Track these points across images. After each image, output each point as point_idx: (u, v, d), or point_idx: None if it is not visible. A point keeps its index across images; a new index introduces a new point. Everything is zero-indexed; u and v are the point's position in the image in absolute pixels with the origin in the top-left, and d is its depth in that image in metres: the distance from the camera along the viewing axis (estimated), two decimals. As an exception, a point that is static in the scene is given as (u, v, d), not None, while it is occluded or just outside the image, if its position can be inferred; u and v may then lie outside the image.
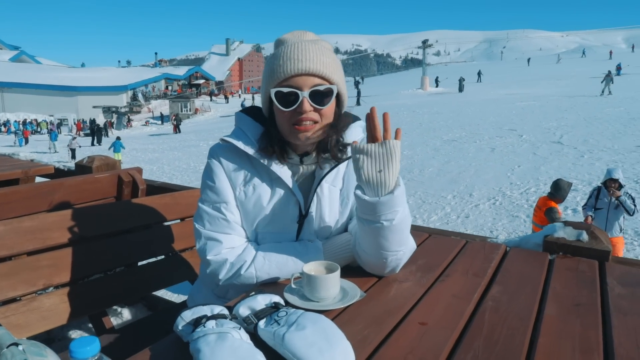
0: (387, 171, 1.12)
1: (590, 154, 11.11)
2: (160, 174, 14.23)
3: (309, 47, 1.20)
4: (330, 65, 1.21)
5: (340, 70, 1.26)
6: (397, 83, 54.50)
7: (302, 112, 1.18)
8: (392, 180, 1.13)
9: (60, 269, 1.71)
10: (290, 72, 1.18)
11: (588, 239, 1.49)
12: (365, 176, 1.13)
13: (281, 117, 1.22)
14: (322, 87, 1.19)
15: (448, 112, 20.72)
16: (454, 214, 8.44)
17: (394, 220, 1.13)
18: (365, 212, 1.15)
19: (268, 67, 1.24)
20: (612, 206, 5.65)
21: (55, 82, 56.68)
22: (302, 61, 1.17)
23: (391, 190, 1.13)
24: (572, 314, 1.08)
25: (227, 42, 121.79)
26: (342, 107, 1.32)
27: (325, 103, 1.21)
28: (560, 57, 71.03)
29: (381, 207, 1.12)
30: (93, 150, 24.89)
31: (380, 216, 1.13)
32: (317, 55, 1.19)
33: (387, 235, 1.16)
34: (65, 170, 3.02)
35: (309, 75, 1.18)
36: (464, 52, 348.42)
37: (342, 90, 1.27)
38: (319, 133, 1.24)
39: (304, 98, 1.18)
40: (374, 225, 1.14)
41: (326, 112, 1.23)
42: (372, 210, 1.13)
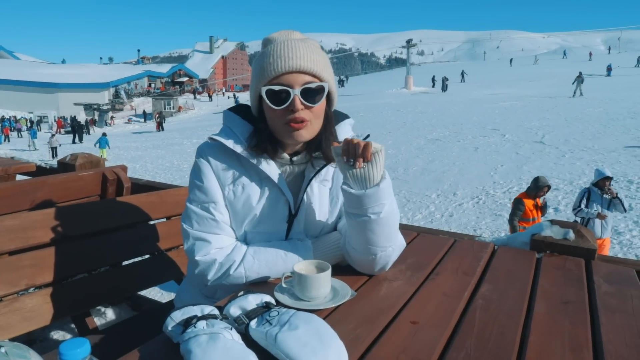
0: (373, 165, 1.12)
1: (571, 153, 11.33)
2: (144, 172, 14.06)
3: (298, 44, 1.19)
4: (321, 62, 1.20)
5: (330, 68, 1.25)
6: (381, 82, 54.72)
7: (294, 110, 1.16)
8: (377, 173, 1.13)
9: (43, 268, 1.67)
10: (281, 70, 1.16)
11: (574, 237, 1.51)
12: (350, 172, 1.13)
13: (273, 115, 1.21)
14: (314, 85, 1.18)
15: (432, 112, 20.90)
16: (438, 213, 8.51)
17: (381, 214, 1.14)
18: (352, 206, 1.15)
19: (258, 65, 1.22)
20: (604, 206, 5.71)
21: (35, 79, 55.52)
22: (292, 59, 1.16)
23: (377, 183, 1.13)
24: (561, 312, 1.10)
25: (210, 40, 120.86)
26: (332, 105, 1.31)
27: (316, 101, 1.20)
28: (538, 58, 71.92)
29: (367, 200, 1.12)
30: (75, 148, 24.47)
31: (367, 209, 1.13)
32: (307, 53, 1.18)
33: (375, 229, 1.16)
34: (48, 168, 2.96)
35: (300, 73, 1.17)
36: (447, 52, 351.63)
37: (332, 89, 1.26)
38: (311, 132, 1.23)
39: (296, 96, 1.16)
40: (361, 218, 1.14)
41: (317, 110, 1.21)
42: (359, 203, 1.13)
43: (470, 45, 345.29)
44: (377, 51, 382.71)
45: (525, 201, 5.98)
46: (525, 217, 5.97)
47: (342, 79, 62.15)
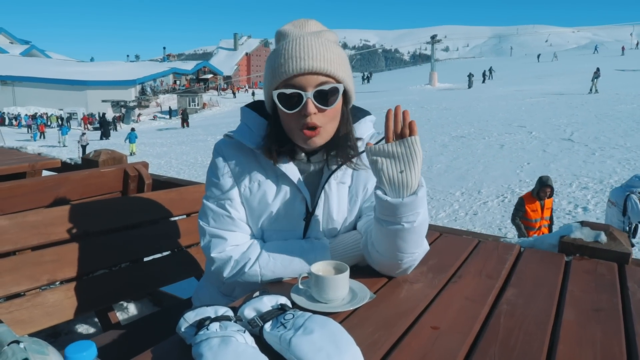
0: (410, 171, 1.05)
1: (601, 151, 10.97)
2: (168, 168, 14.26)
3: (311, 42, 1.13)
4: (335, 61, 1.14)
5: (346, 64, 1.19)
6: (405, 79, 54.21)
7: (307, 114, 1.11)
8: (414, 180, 1.06)
9: (64, 264, 1.68)
10: (292, 72, 1.10)
11: (607, 240, 1.44)
12: (386, 178, 1.06)
13: (286, 119, 1.17)
14: (327, 87, 1.12)
15: (456, 108, 20.57)
16: (462, 211, 8.37)
17: (415, 222, 1.08)
18: (385, 214, 1.09)
19: (269, 65, 1.17)
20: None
21: (65, 77, 56.97)
22: (304, 59, 1.10)
23: (414, 191, 1.07)
24: (592, 320, 1.04)
25: (235, 37, 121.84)
26: (349, 103, 1.26)
27: (330, 103, 1.14)
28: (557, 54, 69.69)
29: (404, 209, 1.06)
30: (102, 144, 25.05)
31: (401, 218, 1.07)
32: (320, 52, 1.12)
33: (406, 237, 1.11)
34: (72, 164, 3.00)
35: (313, 74, 1.11)
36: (473, 48, 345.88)
37: (349, 87, 1.20)
38: (326, 137, 1.18)
39: (308, 99, 1.11)
40: (394, 226, 1.09)
41: (332, 112, 1.16)
42: (394, 211, 1.07)
43: (496, 41, 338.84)
44: (401, 47, 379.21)
45: (527, 201, 5.78)
46: (528, 217, 5.78)
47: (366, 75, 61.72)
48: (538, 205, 5.76)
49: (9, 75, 55.27)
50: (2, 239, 1.56)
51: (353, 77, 1.25)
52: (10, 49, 76.03)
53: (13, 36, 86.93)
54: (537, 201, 5.76)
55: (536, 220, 5.78)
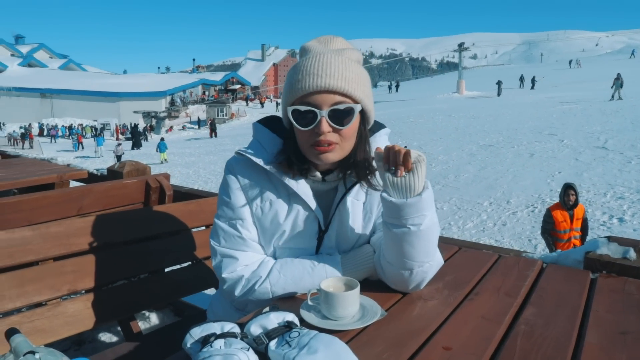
0: (414, 174, 1.06)
1: (638, 159, 10.54)
2: (196, 178, 14.50)
3: (332, 59, 1.12)
4: (354, 80, 1.12)
5: (366, 84, 1.17)
6: (432, 87, 53.75)
7: (320, 132, 1.10)
8: (419, 183, 1.07)
9: (85, 274, 1.71)
10: (308, 89, 1.10)
11: (636, 256, 1.36)
12: (390, 180, 1.07)
13: (300, 136, 1.16)
14: (343, 106, 1.11)
15: (485, 116, 20.21)
16: (491, 222, 8.17)
17: (421, 225, 1.07)
18: (391, 215, 1.09)
19: (288, 80, 1.17)
20: None
21: (99, 89, 58.97)
22: (322, 77, 1.09)
23: (419, 192, 1.07)
24: (618, 344, 0.98)
25: (262, 48, 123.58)
26: (368, 124, 1.23)
27: (345, 123, 1.12)
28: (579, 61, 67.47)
29: (408, 210, 1.06)
30: (133, 154, 25.70)
31: (407, 220, 1.07)
32: (339, 70, 1.10)
33: (414, 242, 1.09)
34: (98, 175, 3.08)
35: (329, 93, 1.10)
36: (502, 55, 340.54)
37: (367, 107, 1.18)
38: (341, 154, 1.16)
39: (323, 118, 1.10)
40: (400, 229, 1.08)
41: (347, 133, 1.14)
42: (399, 212, 1.07)
43: (526, 47, 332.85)
44: (428, 56, 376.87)
45: (554, 213, 5.57)
46: (556, 228, 5.56)
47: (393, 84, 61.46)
48: (567, 215, 5.54)
49: (48, 89, 57.62)
50: (26, 249, 1.60)
51: (380, 86, 1.24)
52: (49, 63, 79.22)
53: (52, 51, 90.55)
54: (565, 210, 5.56)
55: (565, 231, 5.56)
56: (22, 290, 1.54)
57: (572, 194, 5.53)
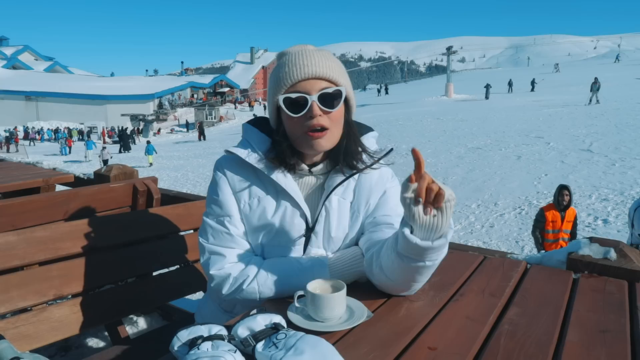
0: (443, 214, 0.99)
1: (622, 162, 10.73)
2: (185, 181, 14.42)
3: (312, 53, 1.20)
4: (336, 68, 1.20)
5: (346, 75, 1.24)
6: (421, 90, 54.04)
7: (312, 116, 1.15)
8: (446, 223, 1.00)
9: (71, 279, 1.70)
10: (297, 78, 1.16)
11: (617, 257, 1.39)
12: (418, 219, 0.99)
13: (291, 124, 1.19)
14: (331, 90, 1.17)
15: (473, 119, 20.40)
16: (479, 223, 8.25)
17: (437, 260, 1.08)
18: (410, 253, 1.04)
19: (274, 76, 1.22)
20: None
21: (86, 91, 58.35)
22: (308, 66, 1.17)
23: (444, 233, 1.01)
24: (598, 342, 1.00)
25: (251, 51, 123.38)
26: (351, 113, 1.28)
27: (334, 106, 1.18)
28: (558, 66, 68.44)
29: (432, 251, 1.03)
30: (121, 157, 25.47)
31: (426, 257, 1.04)
32: (322, 60, 1.19)
33: (424, 272, 1.11)
34: (85, 179, 3.05)
35: (316, 79, 1.17)
36: (490, 59, 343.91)
37: (350, 95, 1.24)
38: (332, 140, 1.20)
39: (313, 102, 1.15)
40: (417, 264, 1.06)
41: (336, 116, 1.20)
42: (421, 253, 1.03)
43: (513, 51, 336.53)
44: (417, 59, 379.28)
45: (547, 213, 5.68)
46: (546, 228, 5.67)
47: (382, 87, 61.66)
48: (558, 216, 5.64)
49: (33, 91, 56.88)
50: (10, 254, 1.58)
51: (369, 89, 1.27)
52: (35, 65, 78.20)
53: (38, 53, 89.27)
54: (557, 211, 5.66)
55: (554, 231, 5.66)
56: (7, 295, 1.53)
57: (567, 194, 5.64)
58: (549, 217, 5.65)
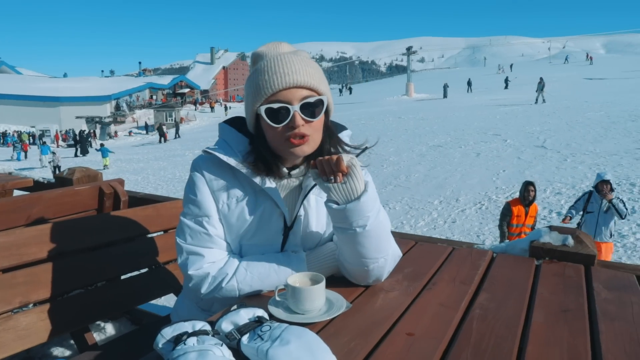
0: (351, 177, 1.11)
1: (573, 157, 11.28)
2: (146, 184, 14.07)
3: (292, 58, 1.18)
4: (316, 75, 1.19)
5: (325, 79, 1.24)
6: (382, 90, 54.83)
7: (295, 126, 1.15)
8: (358, 184, 1.12)
9: (38, 285, 1.65)
10: (278, 87, 1.14)
11: (574, 243, 1.49)
12: (331, 188, 1.13)
13: (272, 133, 1.19)
14: (312, 99, 1.17)
15: (433, 118, 20.90)
16: (441, 219, 8.47)
17: (366, 227, 1.13)
18: (337, 220, 1.16)
19: (252, 83, 1.20)
20: (602, 210, 5.69)
21: (37, 93, 55.84)
22: (289, 74, 1.15)
23: (358, 196, 1.12)
24: (560, 320, 1.08)
25: (212, 51, 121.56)
26: (329, 116, 1.29)
27: (316, 115, 1.18)
28: (502, 67, 71.98)
29: (350, 214, 1.12)
30: (77, 161, 24.54)
31: (352, 223, 1.13)
32: (302, 67, 1.17)
33: (363, 242, 1.15)
34: (45, 182, 2.95)
35: (298, 88, 1.16)
36: (448, 59, 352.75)
37: (329, 100, 1.24)
38: (313, 146, 1.22)
39: (296, 112, 1.15)
40: (348, 232, 1.14)
41: (317, 124, 1.20)
42: (343, 217, 1.13)
43: (470, 52, 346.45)
44: (378, 59, 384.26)
45: (513, 207, 5.97)
46: (512, 222, 5.96)
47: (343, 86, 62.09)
48: (523, 211, 5.93)
49: (-23, 93, 53.99)
50: (-28, 261, 1.52)
51: (331, 89, 1.29)
52: (-24, 65, 74.31)
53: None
54: (522, 206, 5.93)
55: (518, 225, 5.93)
56: (-29, 304, 1.47)
57: (532, 190, 5.96)
58: (514, 212, 5.92)
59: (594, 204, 5.77)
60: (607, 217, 5.65)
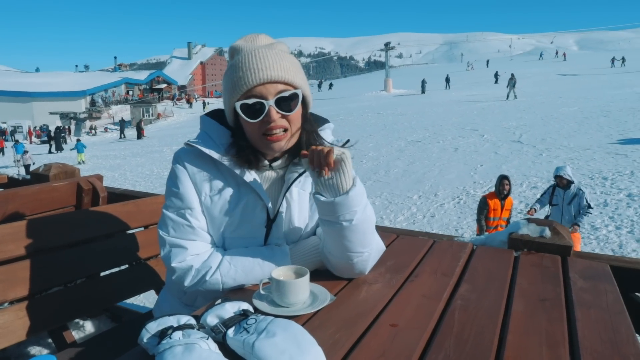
0: (339, 173, 1.13)
1: (548, 152, 11.53)
2: (123, 181, 13.84)
3: (266, 53, 1.18)
4: (291, 69, 1.19)
5: (301, 71, 1.25)
6: (361, 85, 55.02)
7: (270, 121, 1.16)
8: (346, 180, 1.13)
9: (15, 283, 1.62)
10: (252, 83, 1.15)
11: (551, 235, 1.53)
12: (319, 181, 1.14)
13: (250, 128, 1.20)
14: (287, 93, 1.17)
15: (411, 114, 21.09)
16: (420, 214, 8.57)
17: (352, 221, 1.14)
18: (324, 213, 1.17)
19: (228, 78, 1.21)
20: (565, 202, 5.90)
21: (7, 88, 54.22)
22: (262, 70, 1.15)
23: (347, 191, 1.13)
24: (539, 309, 1.11)
25: (189, 46, 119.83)
26: (308, 108, 1.30)
27: (292, 108, 1.19)
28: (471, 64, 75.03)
29: (338, 208, 1.13)
30: (51, 158, 23.93)
31: (338, 216, 1.14)
32: (276, 61, 1.17)
33: (349, 236, 1.16)
34: (20, 179, 2.88)
35: (272, 83, 1.16)
36: (426, 55, 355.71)
37: (306, 92, 1.25)
38: (291, 140, 1.23)
39: (270, 107, 1.16)
40: (335, 226, 1.15)
41: (294, 118, 1.21)
42: (330, 210, 1.14)
43: (447, 48, 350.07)
44: (356, 54, 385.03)
45: (490, 201, 6.11)
46: (489, 216, 6.11)
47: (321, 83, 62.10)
48: (499, 204, 6.06)
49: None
50: (-53, 259, 1.48)
51: (310, 84, 1.29)
52: (-56, 59, 71.69)
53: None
54: (498, 199, 6.05)
55: (495, 219, 6.06)
56: (-55, 302, 1.43)
57: (507, 183, 6.16)
58: (491, 205, 6.05)
59: (558, 197, 6.00)
60: (570, 209, 5.86)
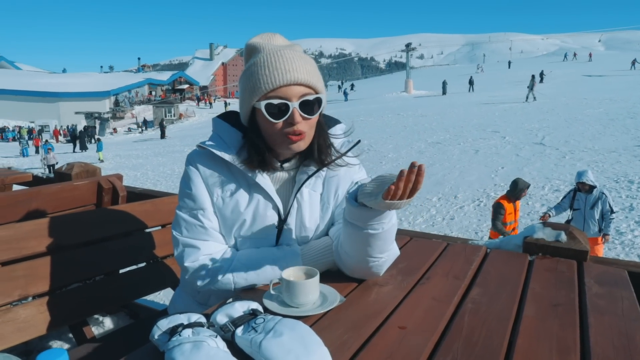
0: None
1: (571, 154, 11.30)
2: (145, 180, 14.09)
3: (291, 55, 1.18)
4: (314, 73, 1.20)
5: (321, 76, 1.26)
6: (381, 86, 54.80)
7: (294, 123, 1.16)
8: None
9: (37, 278, 1.67)
10: (278, 83, 1.15)
11: (567, 239, 1.50)
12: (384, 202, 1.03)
13: (271, 128, 1.20)
14: (311, 97, 1.18)
15: (432, 115, 20.91)
16: (439, 216, 8.50)
17: (379, 230, 1.13)
18: (353, 218, 1.13)
19: (249, 77, 1.20)
20: (587, 206, 5.76)
21: (36, 88, 55.80)
22: (289, 71, 1.16)
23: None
24: (551, 315, 1.09)
25: (210, 47, 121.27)
26: (322, 111, 1.31)
27: (314, 112, 1.20)
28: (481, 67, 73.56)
29: (371, 217, 1.10)
30: (75, 157, 24.51)
31: (368, 224, 1.11)
32: (301, 64, 1.18)
33: (372, 242, 1.15)
34: (44, 178, 2.96)
35: (297, 85, 1.17)
36: (447, 56, 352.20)
37: (324, 97, 1.26)
38: (308, 142, 1.23)
39: (295, 109, 1.16)
40: (361, 231, 1.13)
41: (313, 121, 1.22)
42: (362, 217, 1.11)
43: (469, 48, 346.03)
44: (377, 55, 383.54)
45: (505, 205, 5.98)
46: (504, 220, 5.99)
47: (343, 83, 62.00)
48: (512, 208, 5.96)
49: (-24, 88, 53.87)
50: (-28, 255, 1.54)
51: (330, 85, 1.30)
52: (-24, 60, 74.12)
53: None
54: (512, 204, 5.96)
55: (511, 222, 5.96)
56: (-30, 297, 1.49)
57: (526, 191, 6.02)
58: (507, 209, 5.95)
59: (579, 201, 5.86)
60: (592, 213, 5.72)
